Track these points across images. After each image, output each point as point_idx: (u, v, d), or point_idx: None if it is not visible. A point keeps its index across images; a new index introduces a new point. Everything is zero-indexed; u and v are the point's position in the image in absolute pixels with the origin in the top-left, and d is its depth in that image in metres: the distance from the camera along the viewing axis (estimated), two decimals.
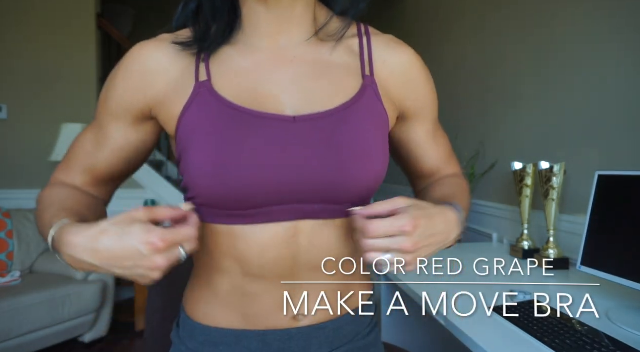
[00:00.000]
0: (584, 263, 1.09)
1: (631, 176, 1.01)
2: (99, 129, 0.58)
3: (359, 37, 0.59)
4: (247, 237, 0.53)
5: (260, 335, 0.56)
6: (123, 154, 0.59)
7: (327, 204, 0.53)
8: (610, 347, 0.76)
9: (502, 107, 1.95)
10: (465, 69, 2.29)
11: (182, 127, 0.52)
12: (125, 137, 0.57)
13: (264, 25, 0.55)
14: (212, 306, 0.58)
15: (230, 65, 0.55)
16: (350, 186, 0.53)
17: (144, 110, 0.55)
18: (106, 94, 0.57)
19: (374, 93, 0.56)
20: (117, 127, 0.57)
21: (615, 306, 1.03)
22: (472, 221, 2.17)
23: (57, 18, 3.02)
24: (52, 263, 2.54)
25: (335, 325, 0.59)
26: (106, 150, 0.58)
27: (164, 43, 0.55)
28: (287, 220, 0.53)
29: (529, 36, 1.75)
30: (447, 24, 2.49)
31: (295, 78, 0.55)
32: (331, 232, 0.55)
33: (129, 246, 0.43)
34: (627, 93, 1.30)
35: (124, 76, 0.55)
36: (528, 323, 0.89)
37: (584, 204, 1.45)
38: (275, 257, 0.53)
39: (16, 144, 2.99)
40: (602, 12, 1.39)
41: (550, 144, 1.63)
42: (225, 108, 0.51)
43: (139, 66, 0.54)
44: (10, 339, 2.06)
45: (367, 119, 0.55)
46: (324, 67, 0.56)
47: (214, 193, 0.50)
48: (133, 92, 0.54)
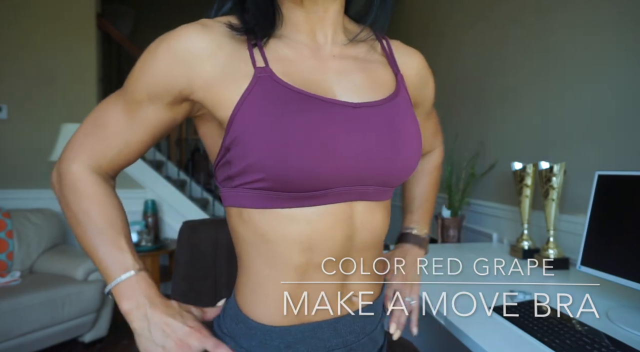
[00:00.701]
0: (584, 263, 1.09)
1: (631, 175, 1.01)
2: (130, 105, 0.57)
3: (378, 40, 0.67)
4: (313, 218, 0.55)
5: (331, 324, 0.59)
6: (155, 133, 0.58)
7: (380, 186, 0.58)
8: (610, 347, 0.76)
9: (502, 107, 1.95)
10: (465, 69, 2.29)
11: (243, 112, 0.52)
12: (157, 116, 0.57)
13: (302, 23, 0.59)
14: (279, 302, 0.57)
15: (280, 55, 0.56)
16: (406, 167, 0.59)
17: (184, 92, 0.55)
18: (145, 71, 0.55)
19: (404, 87, 0.63)
20: (152, 105, 0.56)
21: (615, 306, 1.03)
22: (472, 221, 2.17)
23: (57, 18, 3.02)
24: (52, 263, 2.54)
25: (375, 305, 0.66)
26: (140, 128, 0.57)
27: (208, 27, 0.55)
28: (345, 201, 0.56)
29: (528, 36, 1.75)
30: (447, 24, 2.49)
31: (341, 71, 0.59)
32: (377, 213, 0.60)
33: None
34: (627, 93, 1.30)
35: (167, 56, 0.53)
36: (528, 323, 0.89)
37: (584, 204, 1.45)
38: (338, 236, 0.57)
39: (16, 144, 2.99)
40: (602, 13, 1.39)
41: (550, 144, 1.63)
42: (290, 92, 0.53)
43: (185, 47, 0.53)
44: (10, 339, 2.06)
45: (409, 107, 0.62)
46: (363, 63, 0.62)
47: (281, 173, 0.51)
48: (177, 73, 0.53)
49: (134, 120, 0.57)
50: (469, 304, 1.05)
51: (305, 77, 0.56)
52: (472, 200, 2.16)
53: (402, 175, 0.60)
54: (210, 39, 0.54)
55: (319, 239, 0.56)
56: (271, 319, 0.57)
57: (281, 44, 0.58)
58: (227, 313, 0.62)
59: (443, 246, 1.78)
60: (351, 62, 0.60)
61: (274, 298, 0.57)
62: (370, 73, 0.61)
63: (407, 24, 3.09)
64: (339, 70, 0.59)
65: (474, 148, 2.18)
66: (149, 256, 2.72)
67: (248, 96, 0.52)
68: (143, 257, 2.70)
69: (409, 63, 0.67)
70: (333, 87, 0.57)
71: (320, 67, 0.58)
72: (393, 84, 0.62)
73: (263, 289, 0.58)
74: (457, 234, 2.00)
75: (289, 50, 0.58)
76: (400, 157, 0.58)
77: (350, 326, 0.61)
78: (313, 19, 0.58)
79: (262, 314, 0.58)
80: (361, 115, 0.55)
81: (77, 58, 3.07)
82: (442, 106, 2.62)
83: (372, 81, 0.60)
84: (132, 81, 0.57)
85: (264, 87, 0.53)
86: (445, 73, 2.53)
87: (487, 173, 2.05)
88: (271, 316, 0.57)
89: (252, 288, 0.59)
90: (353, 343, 0.62)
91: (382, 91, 0.60)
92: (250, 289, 0.59)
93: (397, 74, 0.64)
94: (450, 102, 2.47)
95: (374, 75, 0.61)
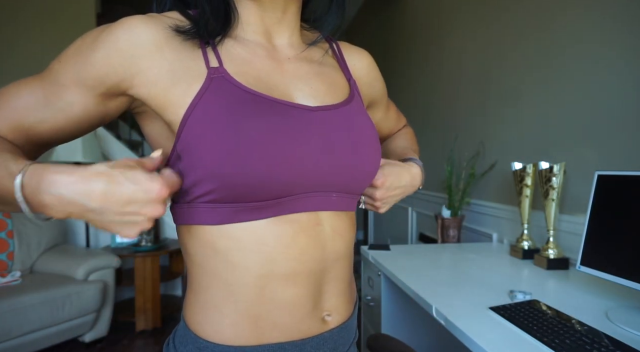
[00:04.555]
0: (583, 263, 1.09)
1: (631, 175, 1.01)
2: (52, 86, 0.50)
3: (328, 42, 0.67)
4: (272, 230, 0.51)
5: (298, 346, 0.53)
6: (74, 123, 0.51)
7: (342, 193, 0.56)
8: (610, 347, 0.76)
9: (502, 107, 1.95)
10: (465, 69, 2.29)
11: (195, 114, 0.48)
12: (85, 106, 0.50)
13: (258, 23, 0.57)
14: (239, 320, 0.52)
15: (234, 55, 0.54)
16: (365, 170, 0.57)
17: (122, 86, 0.50)
18: (78, 57, 0.49)
19: (357, 92, 0.63)
20: (79, 93, 0.50)
21: (615, 306, 1.03)
22: (472, 221, 2.17)
23: (57, 18, 3.02)
24: (53, 263, 2.55)
25: (350, 324, 0.61)
26: (56, 113, 0.50)
27: (156, 21, 0.51)
28: (308, 210, 0.53)
29: (529, 36, 1.75)
30: (447, 24, 2.49)
31: (297, 74, 0.57)
32: (344, 222, 0.58)
33: (134, 190, 0.41)
34: (627, 93, 1.31)
35: (107, 45, 0.48)
36: (528, 323, 0.89)
37: (583, 204, 1.46)
38: (305, 246, 0.53)
39: None
40: (602, 13, 1.39)
41: (550, 144, 1.63)
42: (245, 94, 0.50)
43: (127, 38, 0.48)
44: (11, 339, 2.06)
45: (363, 112, 0.61)
46: (318, 66, 0.61)
47: (237, 182, 0.47)
48: (116, 63, 0.48)
49: (53, 103, 0.50)
50: (469, 304, 1.05)
51: (261, 79, 0.53)
52: (472, 200, 2.17)
53: (364, 179, 0.58)
54: (155, 32, 0.49)
55: (280, 248, 0.51)
56: (224, 338, 0.52)
57: (235, 43, 0.55)
58: (176, 335, 0.57)
59: (443, 246, 1.78)
60: (306, 66, 0.59)
61: (228, 316, 0.52)
62: (325, 77, 0.60)
63: (409, 25, 3.09)
64: (295, 74, 0.57)
65: (474, 148, 2.18)
66: (149, 256, 2.72)
67: (201, 99, 0.48)
68: (143, 257, 2.70)
69: (358, 64, 0.68)
70: (290, 90, 0.55)
71: (276, 69, 0.56)
72: (347, 88, 0.62)
73: (216, 307, 0.52)
74: (457, 234, 2.00)
75: (243, 50, 0.55)
76: (361, 160, 0.56)
77: (320, 348, 0.55)
78: (270, 20, 0.57)
79: (214, 332, 0.52)
80: (319, 118, 0.53)
81: None
82: (442, 106, 2.63)
83: (328, 85, 0.59)
84: (59, 64, 0.50)
85: (218, 88, 0.49)
86: (445, 73, 2.53)
87: (487, 173, 2.05)
88: (224, 334, 0.52)
89: (202, 306, 0.53)
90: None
91: (337, 95, 0.59)
92: (199, 307, 0.54)
93: (350, 79, 0.64)
94: (450, 102, 2.48)
95: (329, 79, 0.61)
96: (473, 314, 0.97)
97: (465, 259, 1.53)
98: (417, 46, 2.87)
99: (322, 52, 0.64)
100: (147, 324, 2.74)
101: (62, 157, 2.71)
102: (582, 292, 1.15)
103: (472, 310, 1.00)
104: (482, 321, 0.92)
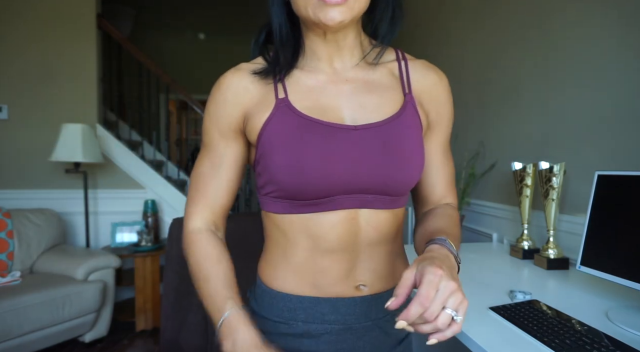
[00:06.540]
0: (583, 263, 1.09)
1: (631, 175, 1.01)
2: (210, 152, 0.71)
3: (397, 61, 0.73)
4: (319, 219, 0.66)
5: (331, 301, 0.69)
6: (237, 168, 0.72)
7: (379, 195, 0.67)
8: (610, 347, 0.76)
9: (502, 107, 1.95)
10: (465, 69, 2.29)
11: (266, 134, 0.65)
12: (233, 151, 0.71)
13: (322, 52, 0.68)
14: (289, 276, 0.70)
15: (299, 85, 0.68)
16: (399, 180, 0.66)
17: (240, 124, 0.69)
18: (211, 120, 0.70)
19: (412, 107, 0.70)
20: (226, 144, 0.70)
21: (615, 306, 1.03)
22: (472, 221, 2.17)
23: (57, 18, 3.02)
24: (53, 263, 2.55)
25: (388, 295, 0.71)
26: (223, 167, 0.71)
27: (242, 70, 0.69)
28: (349, 208, 0.66)
29: (528, 36, 1.75)
30: (447, 24, 2.49)
31: (351, 94, 0.68)
32: (381, 217, 0.69)
33: None
34: (627, 93, 1.31)
35: (220, 100, 0.69)
36: (528, 323, 0.89)
37: (583, 204, 1.46)
38: (341, 233, 0.67)
39: (16, 144, 2.99)
40: (602, 13, 1.39)
41: (550, 144, 1.63)
42: (301, 119, 0.64)
43: (228, 89, 0.68)
44: (11, 339, 2.06)
45: (410, 127, 0.68)
46: (373, 85, 0.69)
47: (293, 187, 0.63)
48: (231, 110, 0.68)
49: (218, 165, 0.71)
50: (469, 303, 1.05)
51: (320, 103, 0.66)
52: (472, 200, 2.17)
53: (400, 184, 0.66)
54: (244, 79, 0.68)
55: (322, 232, 0.67)
56: (275, 285, 0.71)
57: (302, 74, 0.69)
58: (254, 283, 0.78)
59: None
60: (361, 86, 0.69)
61: (281, 271, 0.71)
62: (378, 94, 0.68)
63: (410, 25, 3.09)
64: (349, 94, 0.68)
65: (474, 148, 2.18)
66: (149, 256, 2.72)
67: (269, 123, 0.65)
68: (143, 257, 2.70)
69: (422, 80, 0.72)
70: (342, 109, 0.66)
71: (333, 91, 0.68)
72: (400, 102, 0.69)
73: (275, 266, 0.72)
74: None
75: (307, 79, 0.68)
76: (397, 170, 0.65)
77: (350, 308, 0.69)
78: (332, 48, 0.68)
79: (270, 280, 0.72)
80: (360, 136, 0.64)
81: (77, 58, 3.08)
82: None
83: (378, 101, 0.68)
84: (206, 132, 0.71)
85: (281, 115, 0.65)
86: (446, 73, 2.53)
87: (487, 173, 2.05)
88: (276, 284, 0.71)
89: (267, 264, 0.74)
90: (353, 324, 0.70)
91: (386, 111, 0.67)
92: (265, 264, 0.75)
93: (407, 94, 0.70)
94: None
95: (382, 96, 0.68)
96: (473, 314, 0.97)
97: (465, 259, 1.53)
98: (417, 46, 2.87)
99: (385, 71, 0.71)
100: (147, 324, 2.74)
101: (63, 157, 2.71)
102: (582, 292, 1.15)
103: (472, 310, 1.00)
104: (482, 321, 0.92)
